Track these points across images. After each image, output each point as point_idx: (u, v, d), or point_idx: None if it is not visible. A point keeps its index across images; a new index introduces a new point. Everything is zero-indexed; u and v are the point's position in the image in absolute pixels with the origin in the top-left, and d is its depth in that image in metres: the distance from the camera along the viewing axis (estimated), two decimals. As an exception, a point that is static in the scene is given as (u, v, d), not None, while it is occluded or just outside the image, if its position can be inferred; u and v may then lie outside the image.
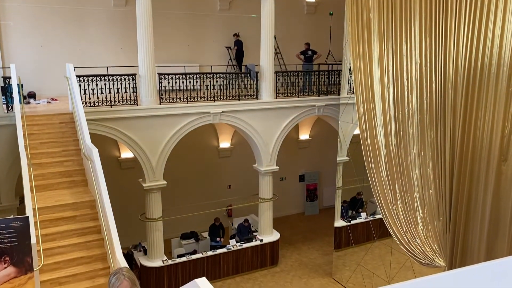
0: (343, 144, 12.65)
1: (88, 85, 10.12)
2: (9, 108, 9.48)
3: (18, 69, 9.77)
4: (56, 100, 12.11)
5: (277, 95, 12.64)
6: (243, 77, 12.61)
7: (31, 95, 12.14)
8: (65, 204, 7.68)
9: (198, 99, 11.55)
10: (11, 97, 9.39)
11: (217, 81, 11.85)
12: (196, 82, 11.60)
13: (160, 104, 10.99)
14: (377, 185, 9.28)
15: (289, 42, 15.15)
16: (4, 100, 9.53)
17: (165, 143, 11.10)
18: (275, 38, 12.77)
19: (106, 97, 10.34)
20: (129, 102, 10.61)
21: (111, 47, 13.47)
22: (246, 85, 12.44)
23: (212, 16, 14.93)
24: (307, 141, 16.89)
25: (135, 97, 10.69)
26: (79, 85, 9.75)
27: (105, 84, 10.30)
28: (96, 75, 10.22)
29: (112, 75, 10.40)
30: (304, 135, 16.75)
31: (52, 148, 8.79)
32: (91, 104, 10.21)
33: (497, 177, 7.27)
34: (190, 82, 11.41)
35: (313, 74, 13.60)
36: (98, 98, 10.28)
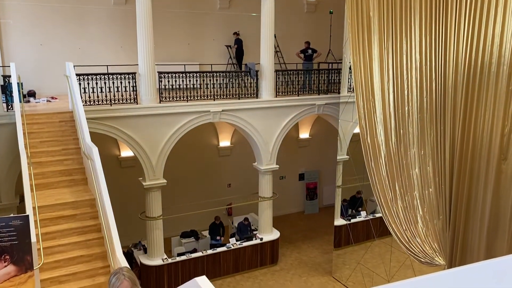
0: (343, 143, 12.65)
1: (88, 83, 10.11)
2: (9, 107, 9.48)
3: (18, 68, 9.77)
4: (56, 98, 12.11)
5: (277, 93, 12.64)
6: (243, 75, 12.60)
7: (31, 94, 12.13)
8: (65, 203, 7.68)
9: (198, 97, 11.55)
10: (11, 96, 9.39)
11: (217, 80, 11.85)
12: (196, 80, 11.60)
13: (160, 102, 10.99)
14: (377, 184, 9.29)
15: (289, 41, 15.13)
16: (4, 98, 9.53)
17: (165, 142, 11.10)
18: (275, 37, 12.76)
19: (106, 96, 10.34)
20: (129, 101, 10.61)
21: (111, 45, 13.46)
22: (246, 84, 12.44)
23: (212, 15, 14.92)
24: (307, 139, 16.89)
25: (135, 96, 10.69)
26: (79, 84, 9.74)
27: (105, 83, 10.30)
28: (96, 74, 10.22)
29: (112, 74, 10.40)
30: (304, 133, 16.75)
31: (52, 147, 8.79)
32: (91, 103, 10.21)
33: (497, 175, 7.27)
34: (190, 80, 11.42)
35: (313, 72, 13.60)
36: (98, 96, 10.28)
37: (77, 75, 9.75)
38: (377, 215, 13.23)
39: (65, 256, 7.02)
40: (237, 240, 12.75)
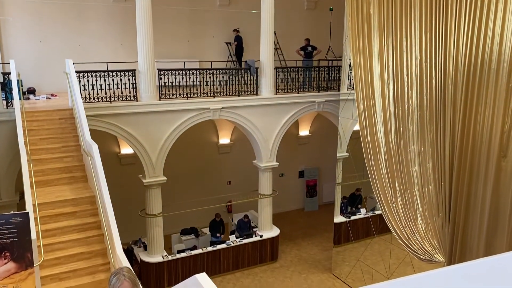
0: (343, 140, 12.65)
1: (88, 81, 10.11)
2: (9, 104, 9.48)
3: (18, 65, 9.75)
4: (55, 96, 12.11)
5: (277, 91, 12.63)
6: (243, 73, 12.58)
7: (31, 91, 12.12)
8: (65, 200, 7.68)
9: (198, 95, 11.54)
10: (11, 93, 9.38)
11: (216, 77, 11.84)
12: (196, 78, 11.59)
13: (159, 100, 10.99)
14: (377, 181, 9.29)
15: (289, 38, 15.11)
16: (4, 96, 9.52)
17: (165, 139, 11.10)
18: (275, 34, 12.74)
19: (105, 93, 10.33)
20: (128, 98, 10.60)
21: (111, 42, 13.45)
22: (246, 81, 12.43)
23: (212, 12, 14.89)
24: (307, 137, 16.89)
25: (134, 93, 10.69)
26: (79, 81, 9.74)
27: (105, 80, 10.28)
28: (95, 71, 10.21)
29: (112, 71, 10.38)
30: (304, 131, 16.75)
31: (52, 144, 8.79)
32: (91, 100, 10.20)
33: (496, 173, 7.27)
34: (189, 78, 11.40)
35: (313, 70, 13.59)
36: (97, 94, 10.27)
37: (76, 72, 9.74)
38: (377, 212, 13.25)
39: (65, 253, 7.02)
40: (237, 237, 12.77)
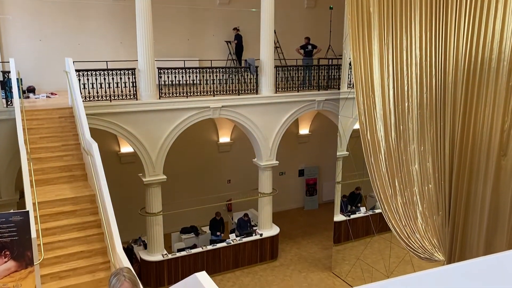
0: (342, 139, 12.65)
1: (88, 79, 10.10)
2: (9, 103, 9.47)
3: (17, 64, 9.75)
4: (55, 94, 12.10)
5: (277, 89, 12.62)
6: (243, 71, 12.57)
7: (31, 90, 12.12)
8: (65, 199, 7.69)
9: (198, 93, 11.54)
10: (11, 92, 9.38)
11: (216, 76, 11.83)
12: (196, 76, 11.58)
13: (159, 98, 10.98)
14: (377, 180, 9.29)
15: (289, 37, 15.10)
16: (4, 94, 9.52)
17: (165, 138, 11.10)
18: (275, 32, 12.72)
19: (105, 92, 10.32)
20: (128, 97, 10.60)
21: (111, 41, 13.43)
22: (246, 80, 12.42)
23: (212, 10, 14.87)
24: (307, 135, 16.89)
25: (134, 92, 10.68)
26: (79, 80, 9.73)
27: (105, 79, 10.28)
28: (95, 70, 10.20)
29: (112, 70, 10.37)
30: (304, 129, 16.74)
31: (52, 143, 8.79)
32: (91, 99, 10.20)
33: (496, 171, 7.28)
34: (189, 76, 11.39)
35: (313, 68, 13.58)
36: (97, 92, 10.26)
37: (76, 71, 9.73)
38: (377, 211, 13.27)
39: (65, 252, 7.03)
40: (237, 236, 12.77)
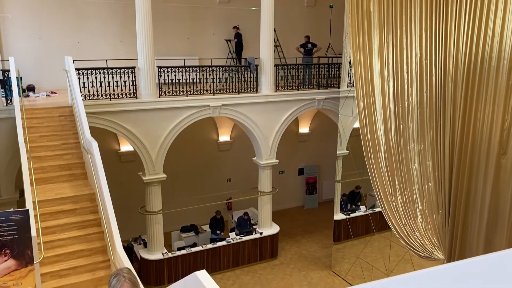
0: (342, 138, 12.65)
1: (88, 78, 10.09)
2: (8, 101, 9.47)
3: (17, 62, 9.74)
4: (55, 93, 12.09)
5: (277, 88, 12.62)
6: (243, 70, 12.57)
7: (30, 88, 12.11)
8: (65, 197, 7.69)
9: (198, 92, 11.53)
10: (10, 90, 9.37)
11: (216, 74, 11.83)
12: (196, 75, 11.57)
13: (159, 97, 10.97)
14: (377, 179, 9.30)
15: (289, 35, 15.09)
16: (3, 93, 9.51)
17: (165, 136, 11.10)
18: (275, 31, 12.71)
19: (105, 90, 10.32)
20: (128, 95, 10.59)
21: (111, 39, 13.42)
22: (246, 78, 12.42)
23: (212, 9, 14.85)
24: (307, 134, 16.89)
25: (134, 90, 10.67)
26: (79, 78, 9.72)
27: (105, 77, 10.27)
28: (95, 68, 10.20)
29: (112, 68, 10.37)
30: (303, 128, 16.74)
31: (52, 141, 8.78)
32: (91, 97, 10.19)
33: (496, 170, 7.28)
34: (189, 75, 11.39)
35: (313, 67, 13.57)
36: (97, 91, 10.26)
37: (76, 69, 9.72)
38: (377, 209, 13.26)
39: (65, 250, 7.03)
40: (237, 235, 12.78)
